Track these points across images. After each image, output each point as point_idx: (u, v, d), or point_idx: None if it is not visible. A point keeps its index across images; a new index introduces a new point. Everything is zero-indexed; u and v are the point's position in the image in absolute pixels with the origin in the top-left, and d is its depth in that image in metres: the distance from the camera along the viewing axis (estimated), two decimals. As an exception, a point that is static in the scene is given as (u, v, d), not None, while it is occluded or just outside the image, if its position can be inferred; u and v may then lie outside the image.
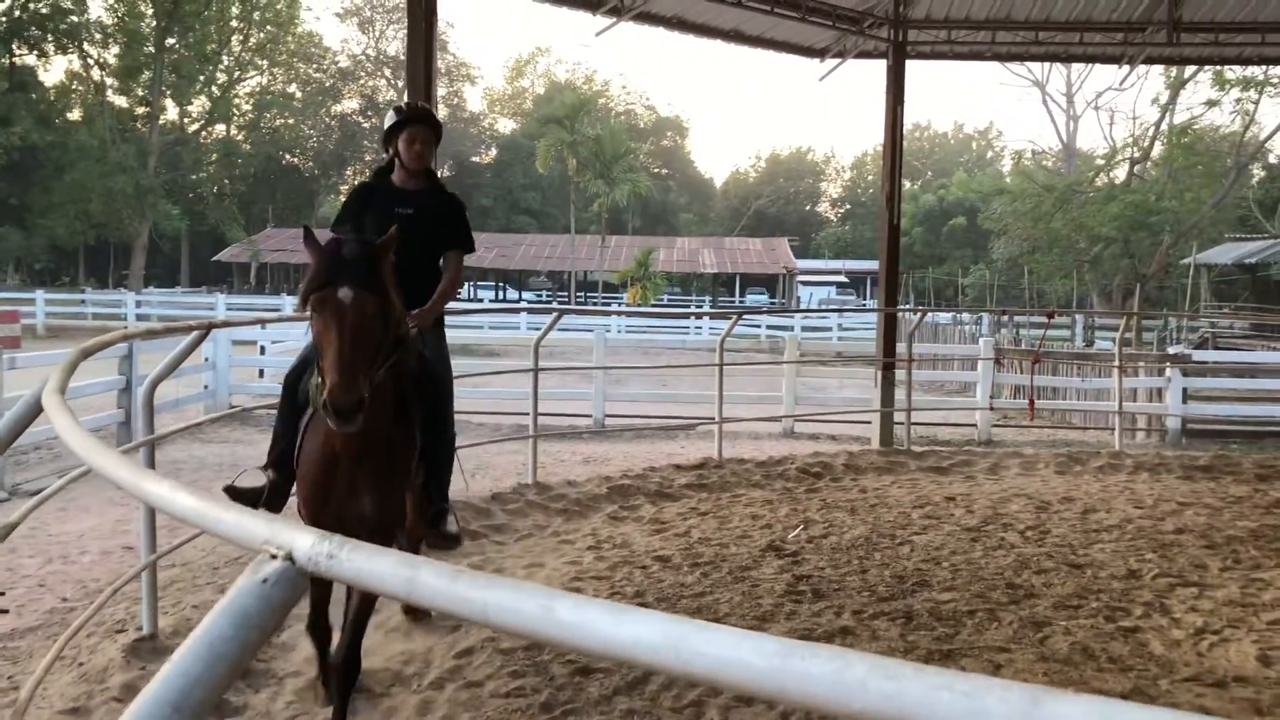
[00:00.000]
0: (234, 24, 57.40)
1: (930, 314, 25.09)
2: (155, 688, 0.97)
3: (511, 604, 0.84)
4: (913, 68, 12.21)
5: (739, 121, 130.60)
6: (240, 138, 63.04)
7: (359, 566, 0.97)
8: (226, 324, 7.33)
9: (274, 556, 1.04)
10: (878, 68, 12.56)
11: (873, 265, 56.29)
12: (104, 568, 6.70)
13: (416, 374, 4.36)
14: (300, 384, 4.38)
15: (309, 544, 1.02)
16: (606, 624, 0.79)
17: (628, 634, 0.78)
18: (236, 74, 59.39)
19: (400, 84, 69.60)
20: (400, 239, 4.04)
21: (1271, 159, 47.61)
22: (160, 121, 54.87)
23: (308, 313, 3.75)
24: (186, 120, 59.29)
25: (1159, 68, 33.94)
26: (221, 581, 5.97)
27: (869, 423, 12.46)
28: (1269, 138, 43.26)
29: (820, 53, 12.56)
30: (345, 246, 3.76)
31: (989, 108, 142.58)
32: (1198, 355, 16.09)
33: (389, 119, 5.02)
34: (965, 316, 31.14)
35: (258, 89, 63.04)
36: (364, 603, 4.19)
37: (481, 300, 49.06)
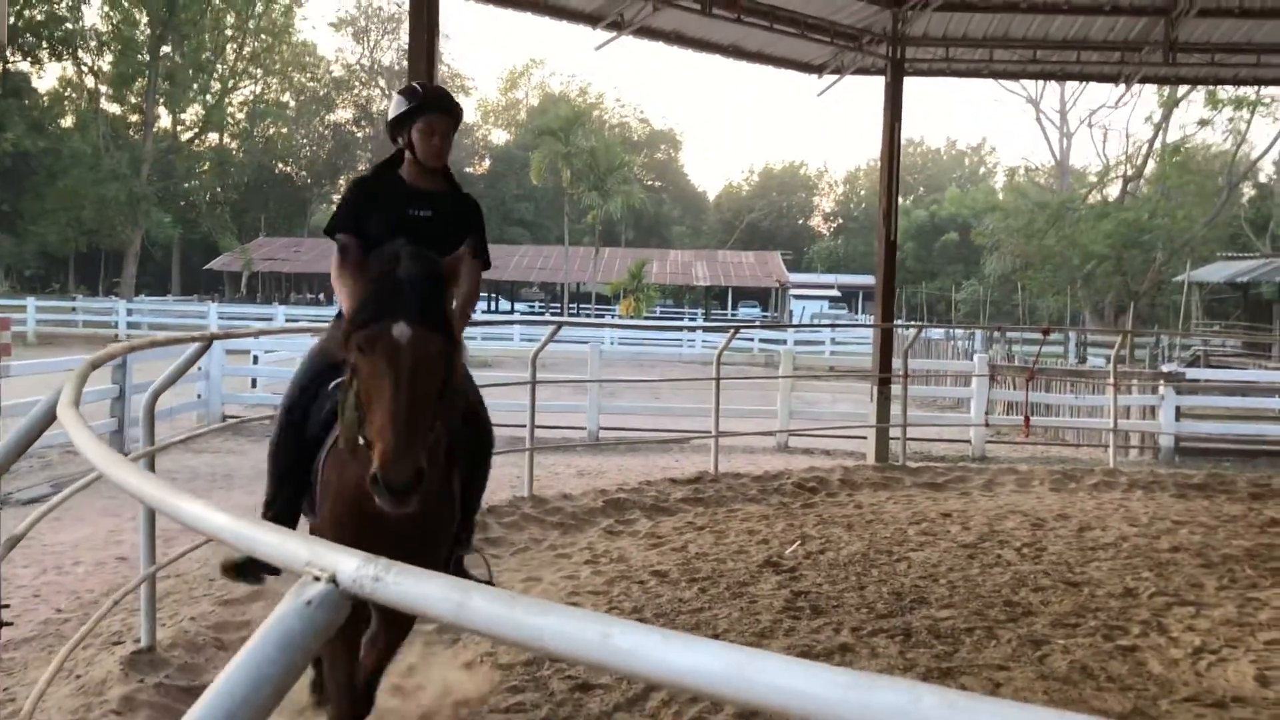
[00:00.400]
0: (229, 33, 57.40)
1: (924, 329, 25.18)
2: (200, 710, 0.97)
3: (569, 631, 0.84)
4: (907, 83, 12.27)
5: (732, 135, 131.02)
6: (234, 146, 63.01)
7: (406, 590, 0.96)
8: (229, 335, 7.29)
9: (317, 579, 1.04)
10: (869, 82, 12.65)
11: (865, 279, 56.43)
12: (98, 578, 6.66)
13: (466, 416, 3.74)
14: (310, 414, 3.65)
15: (354, 566, 1.02)
16: (668, 651, 0.79)
17: (691, 662, 0.78)
18: (231, 83, 59.38)
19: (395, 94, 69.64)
20: (416, 242, 3.38)
21: (1262, 178, 47.92)
22: (154, 129, 54.81)
23: (353, 354, 2.98)
24: (180, 128, 59.24)
25: (1152, 86, 34.14)
26: (219, 594, 5.94)
27: (864, 438, 12.47)
28: (1260, 157, 43.55)
29: (818, 69, 12.62)
30: (401, 266, 3.02)
31: (982, 123, 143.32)
32: (1191, 373, 16.16)
33: (398, 104, 3.99)
34: (958, 332, 31.24)
35: (251, 98, 63.04)
36: (390, 645, 3.75)
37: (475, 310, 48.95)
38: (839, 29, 11.72)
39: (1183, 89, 36.45)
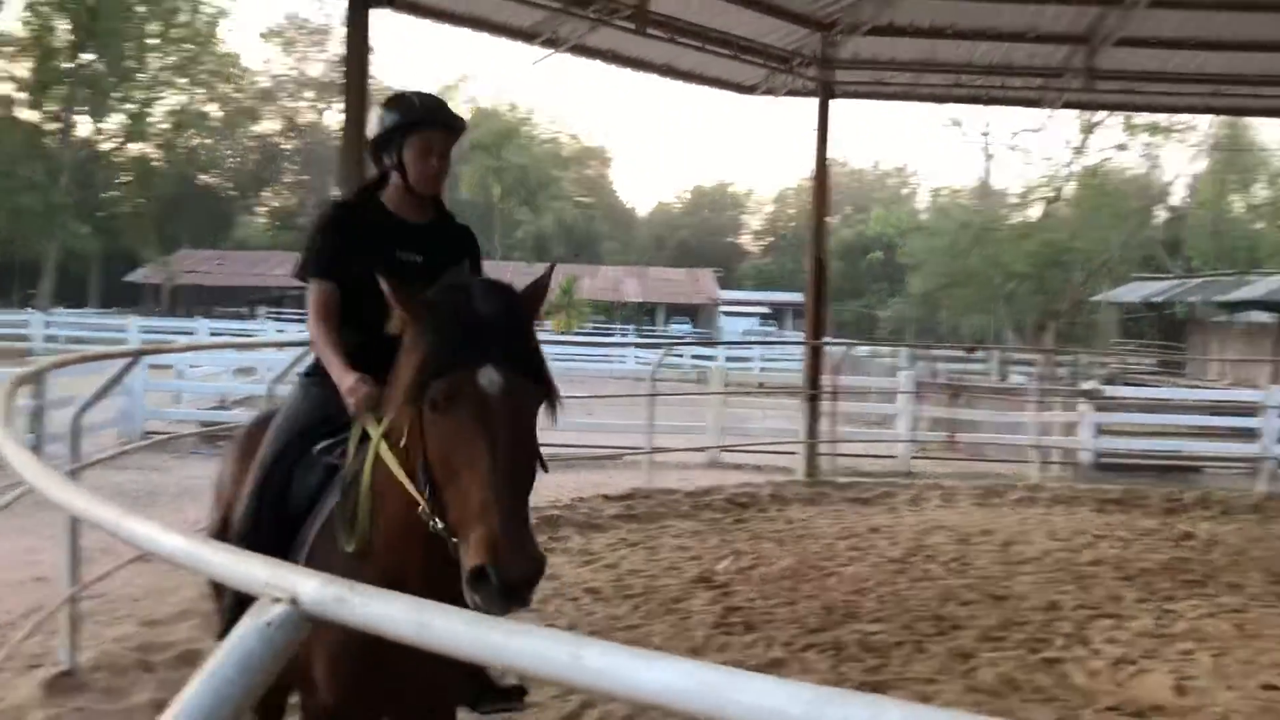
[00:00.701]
0: (152, 41, 56.28)
1: (852, 347, 25.52)
2: (160, 734, 0.96)
3: (537, 650, 0.85)
4: (837, 105, 12.50)
5: (663, 153, 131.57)
6: (156, 157, 61.75)
7: (371, 610, 0.97)
8: (158, 350, 7.15)
9: (277, 600, 1.04)
10: (800, 102, 12.85)
11: (794, 297, 57.00)
12: (15, 599, 6.46)
13: None
14: (294, 485, 3.00)
15: (315, 586, 1.02)
16: (636, 670, 0.81)
17: (658, 680, 0.80)
18: (154, 92, 58.21)
19: (322, 106, 69.02)
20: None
21: (1175, 201, 49.45)
22: (73, 138, 53.52)
23: (425, 409, 2.37)
24: (100, 137, 57.90)
25: (1072, 111, 35.04)
26: (143, 615, 5.81)
27: (794, 453, 12.59)
28: (1172, 182, 45.03)
29: (750, 89, 12.76)
30: (478, 298, 2.44)
31: (908, 145, 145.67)
32: (1109, 391, 16.56)
33: (386, 118, 3.32)
34: (884, 349, 31.72)
35: (176, 107, 61.88)
36: None
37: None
38: (771, 51, 11.88)
39: (1101, 114, 37.49)
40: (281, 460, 3.08)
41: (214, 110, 65.16)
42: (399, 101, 3.37)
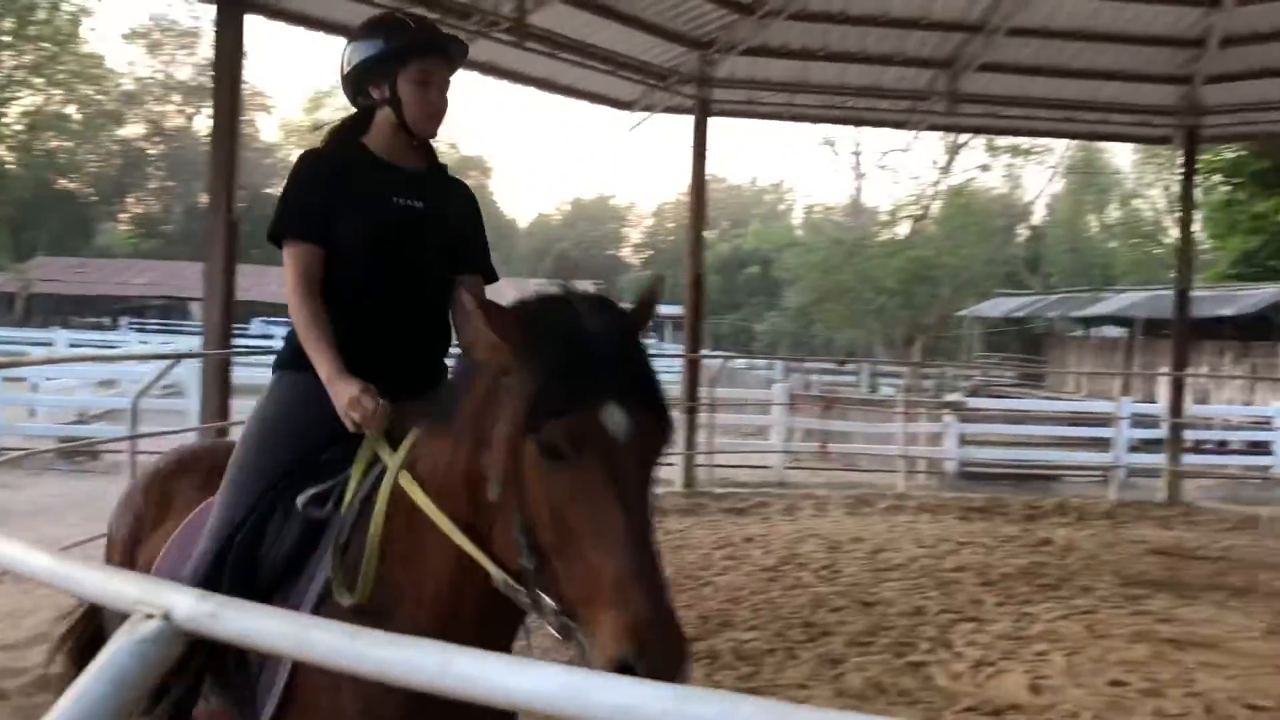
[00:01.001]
0: (5, 39, 53.80)
1: (730, 359, 25.95)
2: (28, 753, 0.96)
3: (408, 659, 0.88)
4: (715, 122, 12.73)
5: (543, 165, 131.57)
6: (10, 159, 58.97)
7: (246, 625, 0.98)
8: (13, 363, 6.86)
9: (150, 616, 1.04)
10: (679, 119, 13.06)
11: (673, 309, 57.60)
12: None
13: None
14: (267, 539, 2.44)
15: (189, 602, 1.03)
16: (505, 676, 0.85)
17: (526, 685, 0.84)
18: (7, 91, 55.62)
19: (190, 111, 66.95)
20: (404, 250, 2.55)
21: (1035, 220, 51.64)
22: (-82, 138, 50.77)
23: (529, 454, 1.91)
24: (-52, 138, 55.09)
25: (939, 133, 36.37)
26: (18, 633, 5.58)
27: (671, 464, 12.73)
28: (1032, 201, 47.10)
29: (628, 105, 12.90)
30: (587, 316, 2.01)
31: (783, 162, 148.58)
32: (972, 403, 17.22)
33: (371, 45, 2.77)
34: (760, 361, 32.32)
35: (31, 108, 59.22)
36: None
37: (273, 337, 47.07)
38: (649, 68, 12.04)
39: (965, 136, 38.94)
40: (259, 506, 2.50)
41: (74, 112, 62.63)
42: (387, 25, 2.82)
